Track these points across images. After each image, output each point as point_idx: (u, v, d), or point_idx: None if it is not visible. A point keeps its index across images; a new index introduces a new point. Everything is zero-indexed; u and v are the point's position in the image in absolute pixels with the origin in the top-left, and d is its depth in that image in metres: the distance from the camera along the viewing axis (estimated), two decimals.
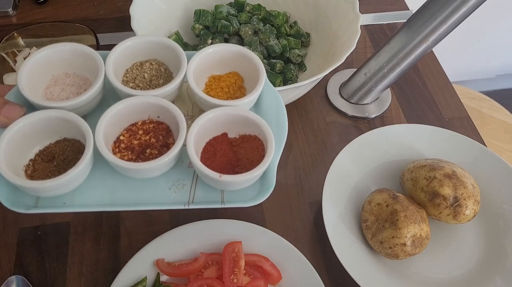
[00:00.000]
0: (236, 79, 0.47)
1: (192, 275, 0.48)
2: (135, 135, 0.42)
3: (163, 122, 0.43)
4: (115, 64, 0.44)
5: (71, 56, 0.45)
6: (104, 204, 0.41)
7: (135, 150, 0.41)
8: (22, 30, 0.66)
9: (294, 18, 0.72)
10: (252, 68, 0.46)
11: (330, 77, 0.72)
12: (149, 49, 0.47)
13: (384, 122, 0.68)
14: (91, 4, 0.81)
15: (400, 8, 0.85)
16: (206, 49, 0.46)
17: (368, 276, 0.50)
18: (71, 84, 0.45)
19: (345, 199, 0.56)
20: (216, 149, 0.43)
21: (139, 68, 0.46)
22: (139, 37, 0.46)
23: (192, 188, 0.43)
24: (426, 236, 0.51)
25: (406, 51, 0.58)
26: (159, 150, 0.42)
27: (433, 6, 0.54)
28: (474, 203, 0.52)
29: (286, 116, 0.45)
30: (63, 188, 0.39)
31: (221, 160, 0.42)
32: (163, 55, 0.47)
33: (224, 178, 0.39)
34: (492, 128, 1.09)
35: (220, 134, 0.44)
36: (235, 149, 0.43)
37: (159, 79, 0.46)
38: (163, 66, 0.47)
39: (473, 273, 0.53)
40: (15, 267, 0.51)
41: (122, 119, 0.42)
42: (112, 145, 0.42)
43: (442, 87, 0.74)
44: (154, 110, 0.43)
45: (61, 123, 0.41)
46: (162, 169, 0.41)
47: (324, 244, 0.54)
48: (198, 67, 0.45)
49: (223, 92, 0.46)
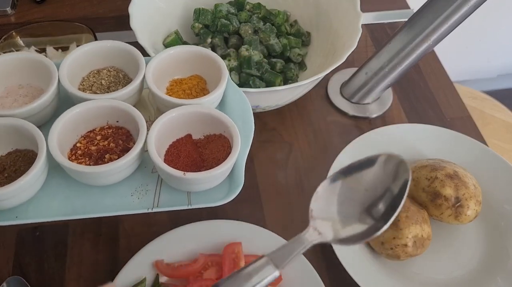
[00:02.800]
0: (198, 81, 0.46)
1: (191, 276, 0.48)
2: (92, 141, 0.41)
3: (122, 127, 0.42)
4: (71, 71, 0.43)
5: (23, 66, 0.43)
6: (63, 213, 0.39)
7: (93, 155, 0.40)
8: (21, 29, 0.66)
9: (295, 17, 0.71)
10: (214, 69, 0.45)
11: (331, 76, 0.72)
12: (106, 55, 0.45)
13: (385, 122, 0.68)
14: (90, 3, 0.80)
15: (401, 7, 0.85)
16: (166, 51, 0.45)
17: (369, 277, 0.50)
18: (25, 95, 0.43)
19: None
20: (179, 151, 0.42)
21: (96, 76, 0.45)
22: (95, 43, 0.45)
23: (156, 193, 0.41)
24: (428, 237, 0.50)
25: (407, 51, 0.58)
26: (119, 155, 0.40)
27: (434, 5, 0.54)
28: (475, 204, 0.52)
29: (252, 114, 0.44)
30: (13, 198, 0.37)
31: (185, 161, 0.41)
32: (121, 61, 0.45)
33: (188, 175, 0.37)
34: (494, 128, 1.09)
35: (184, 136, 0.43)
36: (200, 150, 0.42)
37: (118, 85, 0.45)
38: (122, 72, 0.46)
39: (475, 273, 0.53)
40: (14, 268, 0.51)
41: (78, 126, 0.41)
42: (69, 152, 0.40)
43: (443, 86, 0.73)
44: (112, 115, 0.41)
45: (11, 132, 0.39)
46: (122, 173, 0.39)
47: (324, 245, 0.54)
48: (158, 70, 0.44)
49: (185, 95, 0.45)
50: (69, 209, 0.40)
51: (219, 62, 0.45)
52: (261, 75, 0.63)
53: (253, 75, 0.63)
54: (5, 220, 0.39)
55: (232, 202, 0.57)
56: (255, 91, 0.53)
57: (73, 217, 0.39)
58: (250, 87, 0.61)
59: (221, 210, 0.55)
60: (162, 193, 0.41)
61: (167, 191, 0.41)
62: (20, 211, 0.40)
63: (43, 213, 0.40)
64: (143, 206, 0.40)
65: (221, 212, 0.55)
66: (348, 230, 0.27)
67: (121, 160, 0.37)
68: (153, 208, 0.40)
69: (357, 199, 0.28)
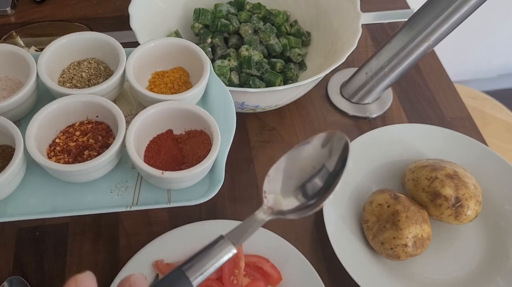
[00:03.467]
0: (181, 75, 0.46)
1: None
2: (71, 137, 0.40)
3: (102, 122, 0.41)
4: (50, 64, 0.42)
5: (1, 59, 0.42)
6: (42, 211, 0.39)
7: (72, 152, 0.39)
8: (21, 29, 0.66)
9: (295, 17, 0.71)
10: (197, 62, 0.44)
11: (331, 76, 0.72)
12: (86, 47, 0.44)
13: (385, 122, 0.68)
14: (90, 3, 0.80)
15: (401, 7, 0.85)
16: (148, 43, 0.44)
17: (369, 277, 0.50)
18: (3, 88, 0.42)
19: (346, 199, 0.56)
20: (160, 147, 0.41)
21: (77, 68, 0.44)
22: (75, 35, 0.44)
23: (136, 190, 0.41)
24: (428, 237, 0.50)
25: (408, 51, 0.58)
26: (99, 151, 0.39)
27: (434, 5, 0.54)
28: (475, 204, 0.52)
29: (234, 109, 0.43)
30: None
31: (165, 158, 0.40)
32: (103, 53, 0.45)
33: (166, 174, 0.37)
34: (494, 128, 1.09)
35: (165, 132, 0.42)
36: (181, 146, 0.41)
37: (99, 78, 0.44)
38: (103, 64, 0.45)
39: (475, 273, 0.53)
40: (14, 267, 0.51)
41: (57, 121, 0.40)
42: (47, 149, 0.40)
43: (443, 86, 0.73)
44: (92, 110, 0.41)
45: None
46: (101, 171, 0.39)
47: (324, 245, 0.54)
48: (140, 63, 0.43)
49: (167, 88, 0.45)
50: (49, 206, 0.39)
51: (201, 55, 0.44)
52: (261, 75, 0.63)
53: (253, 75, 0.63)
54: None
55: (232, 202, 0.57)
56: (255, 91, 0.53)
57: (52, 215, 0.38)
58: (250, 87, 0.61)
59: (221, 210, 0.55)
60: (142, 190, 0.41)
61: (147, 188, 0.41)
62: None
63: (22, 211, 0.39)
64: (122, 203, 0.40)
65: (221, 212, 0.55)
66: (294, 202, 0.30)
67: (99, 158, 0.37)
68: (131, 206, 0.39)
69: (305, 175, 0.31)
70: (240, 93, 0.54)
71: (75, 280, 0.24)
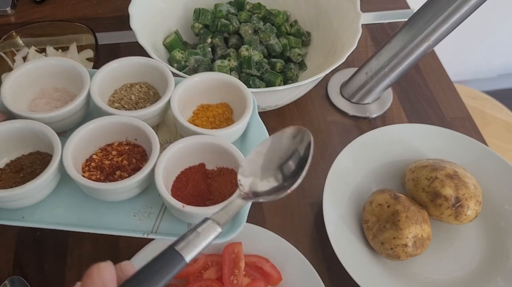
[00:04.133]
0: (224, 111, 0.46)
1: (191, 276, 0.48)
2: (107, 156, 0.41)
3: (139, 145, 0.42)
4: (104, 82, 0.43)
5: (61, 71, 0.44)
6: (65, 223, 0.40)
7: (105, 170, 0.40)
8: (21, 29, 0.66)
9: (295, 17, 0.71)
10: (242, 100, 0.44)
11: (331, 76, 0.72)
12: (140, 71, 0.46)
13: (385, 122, 0.68)
14: (90, 3, 0.80)
15: (401, 7, 0.85)
16: (193, 78, 0.44)
17: (369, 277, 0.50)
18: (58, 99, 0.44)
19: (346, 199, 0.56)
20: (188, 179, 0.41)
21: (128, 90, 0.46)
22: (131, 58, 0.45)
23: (158, 217, 0.41)
24: (428, 237, 0.50)
25: (408, 51, 0.58)
26: (130, 173, 0.40)
27: (434, 5, 0.54)
28: (475, 204, 0.52)
29: None
30: (21, 200, 0.38)
31: (192, 191, 0.40)
32: (154, 78, 0.46)
33: (187, 208, 0.37)
34: (494, 128, 1.09)
35: (197, 165, 0.42)
36: (209, 181, 0.41)
37: (146, 102, 0.45)
38: (153, 90, 0.46)
39: (475, 273, 0.53)
40: (14, 268, 0.51)
41: (97, 138, 0.41)
42: (83, 163, 0.41)
43: (443, 86, 0.73)
44: (131, 132, 0.41)
45: (34, 135, 0.40)
46: (128, 193, 0.39)
47: (324, 245, 0.54)
48: (186, 94, 0.44)
49: (209, 122, 0.45)
50: (74, 218, 0.40)
51: (245, 94, 0.44)
52: (261, 75, 0.63)
53: (253, 75, 0.63)
54: (11, 220, 0.39)
55: None
56: (255, 91, 0.53)
57: (75, 229, 0.39)
58: (250, 87, 0.61)
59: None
60: (164, 218, 0.41)
61: (168, 218, 0.41)
62: (27, 212, 0.40)
63: (49, 218, 0.40)
64: (142, 229, 0.40)
65: None
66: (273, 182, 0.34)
67: (128, 180, 0.37)
68: (149, 234, 0.39)
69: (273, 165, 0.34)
70: None
71: (98, 268, 0.26)
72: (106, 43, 0.73)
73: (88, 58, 0.67)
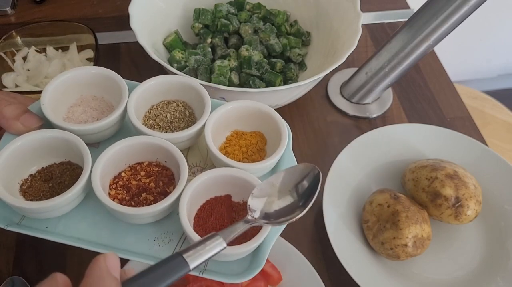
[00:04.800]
0: (258, 141, 0.45)
1: (191, 276, 0.48)
2: (135, 176, 0.41)
3: (169, 168, 0.42)
4: (141, 97, 0.43)
5: (100, 80, 0.44)
6: (85, 240, 0.39)
7: (131, 190, 0.40)
8: (21, 29, 0.66)
9: (295, 17, 0.71)
10: (276, 131, 0.44)
11: (331, 76, 0.72)
12: (178, 89, 0.45)
13: (385, 122, 0.68)
14: (90, 3, 0.80)
15: (401, 7, 0.85)
16: (229, 104, 0.44)
17: (369, 277, 0.50)
18: (95, 108, 0.45)
19: (346, 199, 0.56)
20: (212, 210, 0.40)
21: (165, 107, 0.45)
22: (171, 77, 0.45)
23: (178, 245, 0.40)
24: (428, 237, 0.50)
25: (407, 51, 0.58)
26: (155, 197, 0.40)
27: (434, 5, 0.54)
28: (475, 204, 0.52)
29: None
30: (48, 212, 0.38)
31: (214, 223, 0.40)
32: (192, 98, 0.45)
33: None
34: (494, 128, 1.09)
35: (223, 195, 0.41)
36: (233, 215, 0.41)
37: (181, 122, 0.45)
38: (189, 110, 0.46)
39: (475, 273, 0.53)
40: (14, 268, 0.51)
41: (128, 156, 0.41)
42: (112, 179, 0.41)
43: (443, 86, 0.73)
44: (162, 154, 0.41)
45: (65, 145, 0.40)
46: (150, 219, 0.39)
47: (324, 245, 0.54)
48: (221, 120, 0.43)
49: (240, 152, 0.44)
50: (94, 235, 0.40)
51: (281, 127, 0.43)
52: (261, 75, 0.63)
53: (253, 75, 0.63)
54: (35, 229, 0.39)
55: None
56: (255, 91, 0.53)
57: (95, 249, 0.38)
58: (250, 87, 0.61)
59: None
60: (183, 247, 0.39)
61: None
62: (51, 223, 0.40)
63: (71, 232, 0.39)
64: (160, 255, 0.39)
65: None
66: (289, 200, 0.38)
67: (152, 207, 0.37)
68: None
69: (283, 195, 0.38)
70: (240, 93, 0.54)
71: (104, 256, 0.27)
72: (106, 43, 0.73)
73: (88, 58, 0.67)
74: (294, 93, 0.59)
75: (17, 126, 0.40)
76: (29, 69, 0.65)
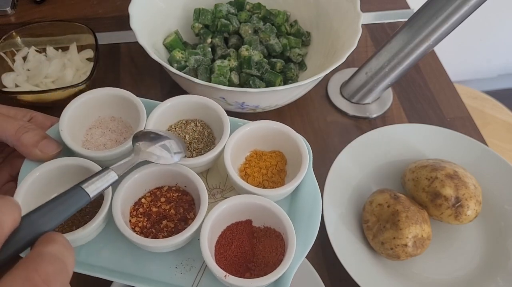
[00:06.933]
0: (278, 161, 0.45)
1: None
2: (155, 202, 0.41)
3: (188, 193, 0.41)
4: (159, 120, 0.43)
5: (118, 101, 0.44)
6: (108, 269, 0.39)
7: (152, 217, 0.40)
8: (21, 29, 0.66)
9: (295, 17, 0.71)
10: (296, 152, 0.43)
11: (331, 76, 0.72)
12: (197, 108, 0.45)
13: (385, 122, 0.68)
14: (90, 3, 0.80)
15: (401, 7, 0.85)
16: (249, 125, 0.43)
17: (369, 277, 0.50)
18: (113, 130, 0.45)
19: (346, 199, 0.56)
20: (234, 237, 0.40)
21: (183, 127, 0.45)
22: (190, 97, 0.44)
23: (200, 273, 0.39)
24: (428, 237, 0.50)
25: (407, 51, 0.58)
26: (176, 224, 0.39)
27: (434, 5, 0.54)
28: (475, 204, 0.52)
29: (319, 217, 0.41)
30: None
31: (236, 251, 0.39)
32: (210, 118, 0.45)
33: (229, 279, 0.36)
34: (494, 128, 1.09)
35: (244, 220, 0.41)
36: (255, 242, 0.40)
37: (200, 143, 0.44)
38: (208, 129, 0.45)
39: (475, 274, 0.53)
40: None
41: (148, 182, 0.41)
42: (132, 206, 0.40)
43: (443, 86, 0.73)
44: (182, 179, 0.41)
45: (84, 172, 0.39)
46: (170, 248, 0.39)
47: (324, 245, 0.54)
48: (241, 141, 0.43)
49: (260, 174, 0.44)
50: (116, 263, 0.39)
51: (302, 149, 0.42)
52: (261, 75, 0.63)
53: (253, 75, 0.63)
54: None
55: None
56: (255, 91, 0.53)
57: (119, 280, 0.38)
58: (250, 87, 0.61)
59: None
60: (205, 275, 0.39)
61: (209, 275, 0.39)
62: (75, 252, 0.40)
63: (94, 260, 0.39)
64: (182, 284, 0.39)
65: None
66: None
67: (174, 239, 0.37)
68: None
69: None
70: (240, 93, 0.54)
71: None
72: (106, 43, 0.73)
73: (88, 58, 0.67)
74: (294, 93, 0.59)
75: (35, 153, 0.39)
76: (29, 69, 0.65)
